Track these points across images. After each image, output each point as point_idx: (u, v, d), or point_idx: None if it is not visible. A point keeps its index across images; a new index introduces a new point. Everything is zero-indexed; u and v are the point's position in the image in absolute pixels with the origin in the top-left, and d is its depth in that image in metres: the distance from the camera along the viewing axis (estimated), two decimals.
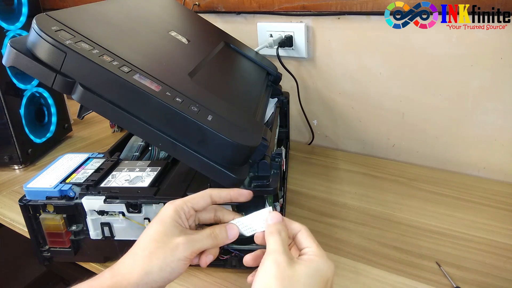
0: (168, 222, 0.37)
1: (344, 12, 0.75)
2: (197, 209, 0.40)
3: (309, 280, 0.33)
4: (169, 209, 0.38)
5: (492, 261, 0.52)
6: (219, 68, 0.62)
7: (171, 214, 0.38)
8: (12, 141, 0.77)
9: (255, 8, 0.84)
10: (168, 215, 0.37)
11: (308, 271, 0.33)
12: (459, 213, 0.62)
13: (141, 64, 0.44)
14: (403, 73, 0.75)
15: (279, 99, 0.74)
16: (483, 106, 0.70)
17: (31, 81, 0.81)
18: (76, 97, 0.41)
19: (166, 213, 0.38)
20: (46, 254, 0.52)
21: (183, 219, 0.38)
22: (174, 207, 0.38)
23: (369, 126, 0.84)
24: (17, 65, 0.41)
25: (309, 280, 0.33)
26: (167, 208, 0.38)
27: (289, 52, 0.85)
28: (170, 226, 0.37)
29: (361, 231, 0.58)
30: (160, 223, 0.37)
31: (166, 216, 0.37)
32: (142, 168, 0.53)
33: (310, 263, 0.34)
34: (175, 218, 0.38)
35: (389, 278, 0.49)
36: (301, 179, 0.74)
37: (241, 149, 0.42)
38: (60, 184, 0.50)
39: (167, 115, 0.41)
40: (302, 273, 0.33)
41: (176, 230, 0.37)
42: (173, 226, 0.37)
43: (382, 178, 0.74)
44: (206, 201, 0.40)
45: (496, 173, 0.73)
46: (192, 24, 0.73)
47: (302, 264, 0.34)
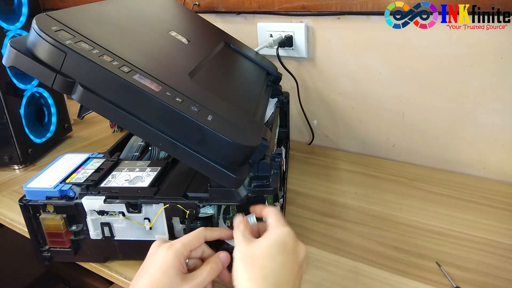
0: (172, 273, 0.38)
1: (344, 12, 0.75)
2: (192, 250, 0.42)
3: (266, 250, 0.38)
4: (170, 257, 0.39)
5: (492, 261, 0.52)
6: (219, 68, 0.62)
7: (174, 264, 0.39)
8: (12, 141, 0.77)
9: (255, 8, 0.84)
10: (171, 265, 0.38)
11: (264, 243, 0.39)
12: (459, 213, 0.62)
13: (141, 64, 0.44)
14: (403, 73, 0.75)
15: (279, 99, 0.74)
16: (483, 106, 0.70)
17: (31, 81, 0.81)
18: (76, 97, 0.41)
19: (168, 262, 0.38)
20: (46, 254, 0.52)
21: (183, 265, 0.40)
22: (175, 254, 0.39)
23: (369, 126, 0.84)
24: (17, 65, 0.41)
25: (266, 250, 0.38)
26: (168, 256, 0.39)
27: (289, 52, 0.85)
28: (174, 277, 0.38)
29: (361, 231, 0.58)
30: (164, 275, 0.38)
31: (168, 266, 0.38)
32: (142, 168, 0.53)
33: (267, 237, 0.40)
34: (178, 266, 0.39)
35: (389, 278, 0.49)
36: (301, 179, 0.74)
37: (241, 149, 0.42)
38: (60, 184, 0.50)
39: (167, 115, 0.41)
40: (260, 246, 0.38)
41: (179, 280, 0.38)
42: (177, 276, 0.38)
43: (382, 178, 0.74)
44: (200, 242, 0.42)
45: (496, 173, 0.73)
46: (192, 24, 0.73)
47: (259, 241, 0.39)
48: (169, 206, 0.47)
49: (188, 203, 0.47)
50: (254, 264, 0.37)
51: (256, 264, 0.37)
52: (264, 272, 0.37)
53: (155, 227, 0.49)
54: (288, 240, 0.39)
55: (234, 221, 0.44)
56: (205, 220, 0.50)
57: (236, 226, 0.43)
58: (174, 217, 0.49)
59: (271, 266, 0.37)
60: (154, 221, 0.48)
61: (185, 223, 0.49)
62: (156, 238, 0.50)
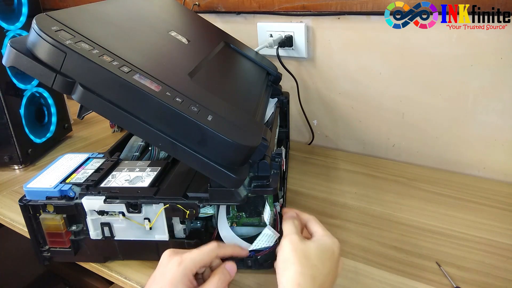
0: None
1: (344, 12, 0.75)
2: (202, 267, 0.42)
3: (318, 252, 0.41)
4: (179, 273, 0.39)
5: (492, 261, 0.52)
6: (219, 68, 0.62)
7: (182, 280, 0.39)
8: (12, 141, 0.77)
9: (255, 8, 0.84)
10: (180, 281, 0.39)
11: (316, 245, 0.41)
12: (459, 213, 0.62)
13: (141, 64, 0.44)
14: (403, 73, 0.75)
15: (279, 99, 0.74)
16: (483, 106, 0.70)
17: (31, 81, 0.81)
18: (76, 97, 0.41)
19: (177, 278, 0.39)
20: (46, 254, 0.52)
21: (191, 280, 0.40)
22: (184, 272, 0.39)
23: (369, 126, 0.84)
24: (17, 65, 0.41)
25: (318, 252, 0.41)
26: (177, 272, 0.39)
27: (289, 52, 0.85)
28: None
29: (361, 231, 0.58)
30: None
31: (177, 282, 0.39)
32: (142, 168, 0.53)
33: (318, 240, 0.42)
34: (187, 283, 0.39)
35: (389, 278, 0.49)
36: (301, 179, 0.74)
37: (241, 149, 0.42)
38: (60, 184, 0.50)
39: (167, 115, 0.41)
40: (312, 247, 0.41)
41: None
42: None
43: (382, 178, 0.74)
44: (211, 259, 0.43)
45: (496, 173, 0.73)
46: (192, 24, 0.73)
47: (311, 242, 0.42)
48: (169, 206, 0.47)
49: (188, 203, 0.47)
50: (308, 261, 0.39)
51: (309, 261, 0.39)
52: (315, 272, 0.39)
53: (155, 227, 0.49)
54: (336, 250, 0.42)
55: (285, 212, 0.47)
56: (205, 220, 0.50)
57: (290, 218, 0.45)
58: (174, 217, 0.49)
59: (321, 269, 0.40)
60: (154, 221, 0.48)
61: (185, 223, 0.49)
62: (156, 238, 0.50)
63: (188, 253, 0.41)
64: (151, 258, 0.52)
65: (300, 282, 0.38)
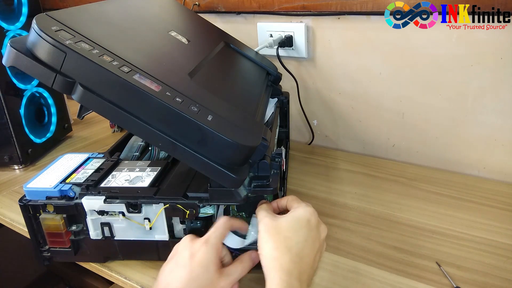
0: (212, 269, 0.40)
1: (344, 12, 0.75)
2: None
3: (290, 224, 0.42)
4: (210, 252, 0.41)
5: (492, 261, 0.52)
6: (219, 68, 0.62)
7: (214, 259, 0.41)
8: (12, 141, 0.77)
9: (255, 8, 0.84)
10: (212, 261, 0.40)
11: (288, 218, 0.43)
12: (459, 213, 0.62)
13: (141, 64, 0.44)
14: (403, 73, 0.75)
15: (279, 99, 0.74)
16: (483, 106, 0.70)
17: (31, 81, 0.81)
18: (76, 97, 0.41)
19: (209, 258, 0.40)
20: (46, 254, 0.52)
21: (220, 260, 0.42)
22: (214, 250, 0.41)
23: (369, 126, 0.84)
24: (17, 65, 0.41)
25: (290, 224, 0.42)
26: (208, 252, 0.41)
27: (289, 52, 0.85)
28: (214, 273, 0.40)
29: (361, 231, 0.58)
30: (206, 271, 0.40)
31: (209, 262, 0.40)
32: (142, 168, 0.53)
33: (290, 214, 0.44)
34: (217, 262, 0.41)
35: (389, 278, 0.49)
36: (301, 179, 0.74)
37: (241, 149, 0.42)
38: (60, 184, 0.50)
39: (167, 115, 0.41)
40: (283, 221, 0.42)
41: (217, 275, 0.41)
42: (216, 272, 0.40)
43: (382, 178, 0.74)
44: (228, 230, 0.44)
45: (496, 173, 0.73)
46: (192, 24, 0.73)
47: (283, 217, 0.43)
48: (169, 206, 0.47)
49: (188, 203, 0.47)
50: (280, 235, 0.40)
51: (281, 235, 0.40)
52: (288, 243, 0.40)
53: (155, 227, 0.49)
54: (312, 218, 0.43)
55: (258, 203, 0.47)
56: (205, 220, 0.50)
57: (259, 205, 0.46)
58: (174, 217, 0.49)
59: (295, 238, 0.40)
60: (154, 221, 0.48)
61: (185, 223, 0.49)
62: (156, 238, 0.50)
63: (208, 233, 0.43)
64: (151, 258, 0.52)
65: (275, 255, 0.39)
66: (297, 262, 0.39)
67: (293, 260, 0.39)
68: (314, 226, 0.43)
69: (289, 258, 0.39)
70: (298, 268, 0.39)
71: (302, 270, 0.39)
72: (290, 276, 0.38)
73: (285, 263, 0.38)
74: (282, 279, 0.37)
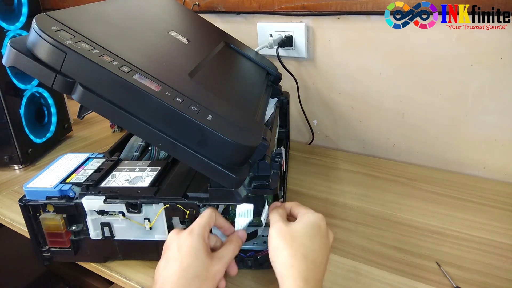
0: (202, 255, 0.41)
1: (344, 12, 0.75)
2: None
3: (304, 231, 0.42)
4: (196, 240, 0.41)
5: (492, 261, 0.52)
6: (219, 68, 0.62)
7: (201, 246, 0.41)
8: (12, 141, 0.77)
9: (255, 8, 0.84)
10: (200, 247, 0.41)
11: (301, 225, 0.42)
12: (459, 213, 0.62)
13: (141, 64, 0.44)
14: (403, 73, 0.75)
15: (279, 99, 0.74)
16: (483, 106, 0.70)
17: (31, 81, 0.81)
18: (76, 97, 0.41)
19: (196, 246, 0.41)
20: (46, 254, 0.52)
21: (208, 245, 0.43)
22: (199, 237, 0.41)
23: (369, 126, 0.84)
24: (17, 65, 0.41)
25: (304, 231, 0.42)
26: (193, 240, 0.41)
27: (289, 52, 0.85)
28: (205, 258, 0.41)
29: (361, 231, 0.58)
30: (195, 259, 0.40)
31: (197, 249, 0.41)
32: (142, 168, 0.53)
33: (302, 220, 0.43)
34: (205, 247, 0.41)
35: (389, 278, 0.49)
36: (301, 179, 0.74)
37: (241, 149, 0.42)
38: (60, 184, 0.50)
39: (167, 115, 0.41)
40: (298, 227, 0.42)
41: (209, 260, 0.41)
42: (206, 257, 0.41)
43: (382, 178, 0.74)
44: (213, 221, 0.45)
45: (496, 173, 0.73)
46: (192, 24, 0.73)
47: (296, 223, 0.43)
48: (169, 206, 0.47)
49: (188, 203, 0.47)
50: (296, 242, 0.40)
51: (297, 242, 0.40)
52: (305, 251, 0.40)
53: (155, 227, 0.49)
54: (322, 224, 0.43)
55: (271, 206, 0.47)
56: None
57: (274, 207, 0.46)
58: (174, 217, 0.49)
59: (310, 246, 0.40)
60: (154, 221, 0.48)
61: (185, 223, 0.49)
62: (156, 238, 0.50)
63: (193, 223, 0.43)
64: (151, 258, 0.52)
65: (292, 263, 0.39)
66: (312, 269, 0.39)
67: (310, 267, 0.39)
68: (325, 232, 0.43)
69: (306, 265, 0.39)
70: (314, 275, 0.39)
71: (318, 277, 0.39)
72: (307, 283, 0.37)
73: (302, 271, 0.38)
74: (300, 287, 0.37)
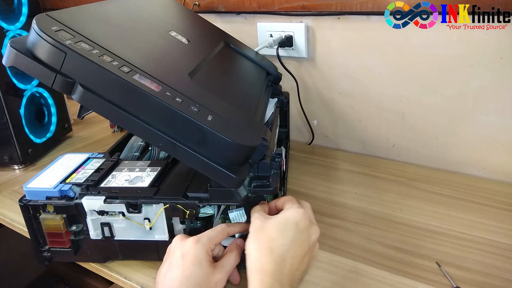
0: (205, 265, 0.41)
1: (344, 12, 0.75)
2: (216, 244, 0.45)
3: (277, 225, 0.42)
4: (201, 250, 0.42)
5: (492, 261, 0.52)
6: (219, 68, 0.62)
7: (205, 256, 0.42)
8: (12, 141, 0.77)
9: (255, 8, 0.84)
10: (203, 257, 0.42)
11: (277, 220, 0.42)
12: (459, 213, 0.62)
13: (141, 64, 0.44)
14: (403, 73, 0.75)
15: (279, 99, 0.74)
16: (483, 106, 0.70)
17: (31, 81, 0.81)
18: (76, 97, 0.41)
19: (200, 255, 0.42)
20: (46, 254, 0.52)
21: (211, 256, 0.43)
22: (204, 248, 0.42)
23: (369, 126, 0.84)
24: (17, 65, 0.41)
25: (277, 225, 0.42)
26: (198, 249, 0.42)
27: (289, 52, 0.85)
28: (207, 268, 0.41)
29: (361, 231, 0.58)
30: (198, 267, 0.41)
31: (201, 259, 0.41)
32: (142, 168, 0.53)
33: (280, 215, 0.43)
34: (208, 258, 0.42)
35: (389, 278, 0.49)
36: (301, 179, 0.74)
37: (241, 149, 0.42)
38: (60, 184, 0.50)
39: (167, 115, 0.41)
40: (271, 222, 0.42)
41: (211, 270, 0.42)
42: (209, 267, 0.42)
43: (382, 178, 0.74)
44: (224, 237, 0.46)
45: (496, 173, 0.73)
46: (192, 24, 0.73)
47: (272, 218, 0.43)
48: (169, 206, 0.47)
49: (188, 203, 0.47)
50: (264, 236, 0.41)
51: (265, 236, 0.41)
52: (271, 244, 0.40)
53: (155, 227, 0.49)
54: (302, 220, 0.42)
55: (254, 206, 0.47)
56: (205, 220, 0.50)
57: (254, 207, 0.47)
58: (174, 217, 0.49)
59: (280, 240, 0.40)
60: (154, 221, 0.48)
61: (185, 223, 0.49)
62: (156, 238, 0.50)
63: (203, 233, 0.44)
64: (151, 258, 0.52)
65: (257, 256, 0.39)
66: (280, 263, 0.39)
67: (277, 261, 0.38)
68: (303, 228, 0.42)
69: (271, 259, 0.38)
70: (280, 270, 0.38)
71: (286, 272, 0.39)
72: (271, 278, 0.37)
73: (266, 265, 0.38)
74: (263, 281, 0.37)
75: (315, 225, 0.44)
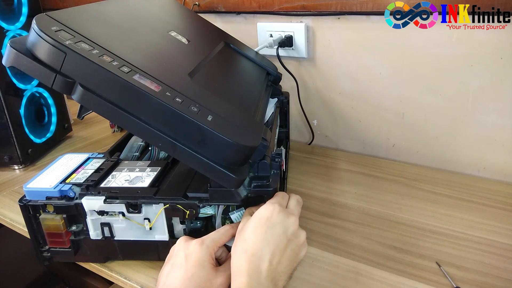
0: (208, 267, 0.41)
1: (344, 12, 0.75)
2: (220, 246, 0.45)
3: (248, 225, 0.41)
4: (205, 252, 0.42)
5: (492, 261, 0.52)
6: (219, 68, 0.62)
7: (208, 258, 0.42)
8: (12, 141, 0.77)
9: (255, 8, 0.84)
10: (207, 259, 0.42)
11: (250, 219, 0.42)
12: (459, 213, 0.62)
13: (141, 64, 0.44)
14: (403, 73, 0.75)
15: (279, 99, 0.74)
16: (483, 106, 0.70)
17: (31, 81, 0.81)
18: (76, 97, 0.41)
19: (203, 257, 0.42)
20: (46, 254, 0.52)
21: (214, 259, 0.43)
22: (209, 252, 0.42)
23: (369, 126, 0.84)
24: (17, 65, 0.41)
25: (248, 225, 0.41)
26: (202, 251, 0.42)
27: (289, 52, 0.85)
28: (210, 270, 0.41)
29: (361, 231, 0.58)
30: (201, 269, 0.41)
31: (204, 261, 0.41)
32: (142, 168, 0.53)
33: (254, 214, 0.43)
34: (211, 261, 0.42)
35: (389, 278, 0.49)
36: (301, 179, 0.74)
37: (241, 149, 0.42)
38: (60, 184, 0.50)
39: (167, 115, 0.41)
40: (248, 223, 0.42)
41: (214, 272, 0.41)
42: (212, 269, 0.41)
43: (382, 178, 0.74)
44: (228, 238, 0.45)
45: (496, 173, 0.73)
46: (192, 24, 0.73)
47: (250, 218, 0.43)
48: (169, 206, 0.47)
49: (188, 203, 0.47)
50: (240, 238, 0.41)
51: (241, 237, 0.41)
52: (245, 245, 0.40)
53: (155, 227, 0.49)
54: (273, 215, 0.41)
55: None
56: (205, 220, 0.50)
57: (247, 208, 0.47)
58: (174, 217, 0.49)
59: (252, 238, 0.40)
60: (154, 221, 0.48)
61: (185, 223, 0.49)
62: (156, 238, 0.50)
63: (207, 235, 0.44)
64: (151, 258, 0.52)
65: (234, 259, 0.39)
66: (254, 261, 0.38)
67: (250, 260, 0.38)
68: (276, 223, 0.41)
69: (244, 259, 0.38)
70: (256, 268, 0.38)
71: (265, 269, 0.38)
72: (247, 277, 0.37)
73: (241, 266, 0.38)
74: (239, 282, 0.37)
75: (292, 216, 0.43)
